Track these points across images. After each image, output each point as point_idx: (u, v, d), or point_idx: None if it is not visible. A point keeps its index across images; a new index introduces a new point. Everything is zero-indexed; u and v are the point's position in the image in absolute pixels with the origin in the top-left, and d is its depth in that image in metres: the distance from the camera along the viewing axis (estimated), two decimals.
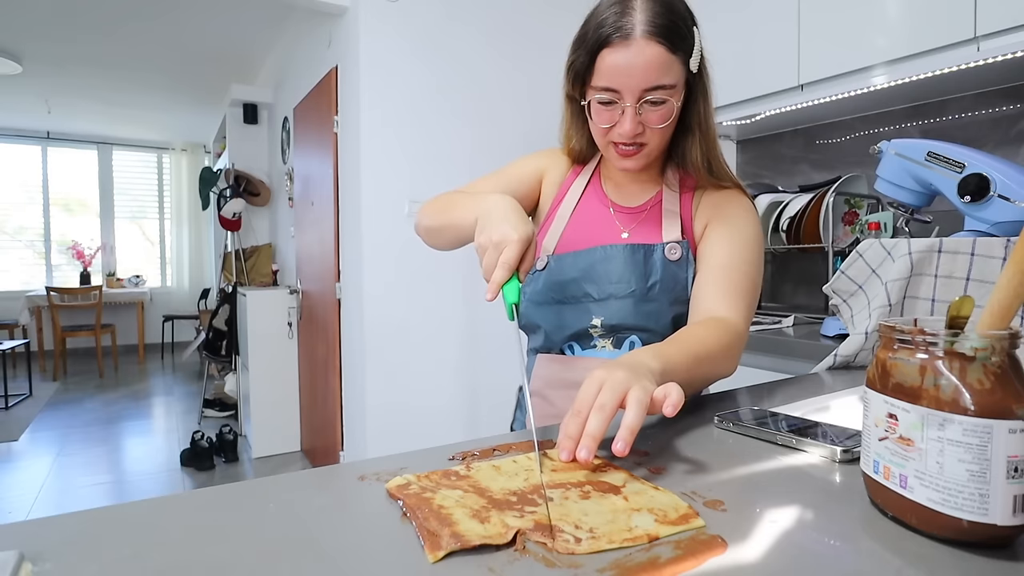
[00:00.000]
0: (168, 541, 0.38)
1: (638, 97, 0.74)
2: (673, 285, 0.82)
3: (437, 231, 0.85)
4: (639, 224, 0.87)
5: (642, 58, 0.73)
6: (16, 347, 4.41)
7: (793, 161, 2.03)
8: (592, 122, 0.81)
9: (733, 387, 0.86)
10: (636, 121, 0.76)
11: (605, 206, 0.89)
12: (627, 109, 0.75)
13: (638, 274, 0.82)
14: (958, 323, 0.38)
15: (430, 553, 0.36)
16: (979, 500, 0.35)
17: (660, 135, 0.79)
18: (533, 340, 0.92)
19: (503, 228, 0.64)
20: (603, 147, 0.83)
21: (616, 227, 0.88)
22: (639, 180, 0.90)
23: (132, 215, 6.96)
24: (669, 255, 0.83)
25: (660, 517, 0.40)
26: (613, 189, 0.91)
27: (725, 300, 0.78)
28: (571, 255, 0.85)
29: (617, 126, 0.77)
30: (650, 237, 0.86)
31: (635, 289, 0.82)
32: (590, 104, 0.79)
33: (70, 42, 3.94)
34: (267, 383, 3.30)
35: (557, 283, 0.85)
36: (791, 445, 0.57)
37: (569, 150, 0.92)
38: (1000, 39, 1.27)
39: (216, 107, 5.43)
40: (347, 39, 2.57)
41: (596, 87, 0.77)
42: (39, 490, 2.84)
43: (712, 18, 1.90)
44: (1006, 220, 1.08)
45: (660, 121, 0.77)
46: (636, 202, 0.89)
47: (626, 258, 0.83)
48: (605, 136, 0.80)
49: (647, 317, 0.82)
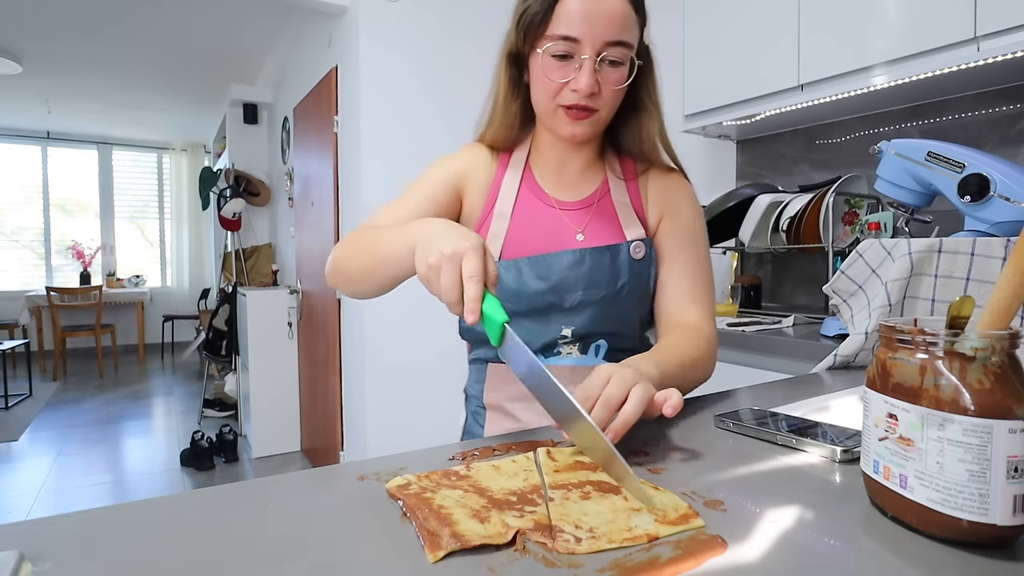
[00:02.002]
0: (168, 541, 0.38)
1: (598, 51, 0.70)
2: (639, 285, 0.80)
3: (365, 274, 0.71)
4: (592, 221, 0.81)
5: (607, 7, 0.69)
6: (16, 347, 4.41)
7: (793, 161, 2.03)
8: (541, 81, 0.74)
9: (733, 387, 0.86)
10: (595, 77, 0.71)
11: (549, 205, 0.82)
12: (586, 62, 0.70)
13: (607, 278, 0.78)
14: (958, 323, 0.38)
15: (430, 553, 0.36)
16: (979, 500, 0.35)
17: (612, 102, 0.75)
18: (482, 351, 0.85)
19: (452, 240, 0.55)
20: (548, 113, 0.76)
21: (568, 227, 0.81)
22: (581, 169, 0.84)
23: (132, 215, 6.96)
24: (634, 254, 0.80)
25: (660, 517, 0.40)
26: (552, 183, 0.84)
27: (695, 306, 0.80)
28: (526, 262, 0.78)
29: (572, 82, 0.71)
30: (610, 235, 0.81)
31: (605, 294, 0.78)
32: (541, 59, 0.72)
33: (70, 42, 3.94)
34: (267, 383, 3.30)
35: (514, 293, 0.78)
36: (791, 445, 0.57)
37: (494, 134, 0.83)
38: (1000, 39, 1.27)
39: (216, 107, 5.43)
40: (347, 39, 2.57)
41: (553, 36, 0.71)
42: (39, 490, 2.84)
43: (712, 18, 1.90)
44: (1006, 220, 1.08)
45: (617, 82, 0.73)
46: (580, 195, 0.83)
47: (593, 263, 0.78)
48: (555, 97, 0.74)
49: (616, 320, 0.80)
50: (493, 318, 0.54)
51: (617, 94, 0.75)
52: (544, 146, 0.84)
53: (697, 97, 1.97)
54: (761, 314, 1.76)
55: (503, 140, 0.83)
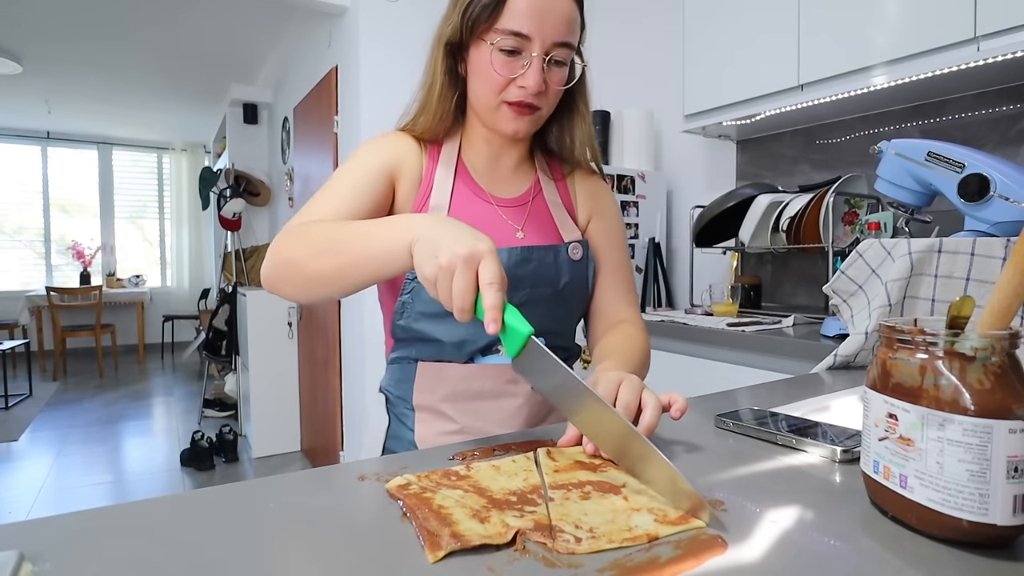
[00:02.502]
0: (168, 541, 0.38)
1: (547, 50, 0.70)
2: (578, 285, 0.81)
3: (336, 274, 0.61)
4: (530, 219, 0.81)
5: (559, 6, 0.69)
6: (16, 347, 4.41)
7: (793, 161, 2.03)
8: (486, 75, 0.72)
9: (733, 387, 0.86)
10: (543, 75, 0.70)
11: (486, 201, 0.80)
12: (534, 60, 0.69)
13: (550, 277, 0.78)
14: (959, 323, 0.38)
15: (430, 553, 0.36)
16: (979, 500, 0.35)
17: (553, 100, 0.75)
18: (412, 350, 0.79)
19: (466, 241, 0.50)
20: (490, 108, 0.74)
21: (508, 225, 0.79)
22: (513, 166, 0.83)
23: (132, 215, 6.96)
24: (572, 255, 0.80)
25: (660, 517, 0.40)
26: (486, 179, 0.82)
27: (627, 304, 0.85)
28: None
29: (520, 79, 0.71)
30: (548, 235, 0.81)
31: (550, 292, 0.78)
32: (488, 53, 0.71)
33: (70, 42, 3.94)
34: (267, 383, 3.30)
35: None
36: (791, 445, 0.57)
37: (425, 124, 0.79)
38: (1000, 39, 1.27)
39: (216, 107, 5.43)
40: (347, 39, 2.57)
41: (503, 30, 0.69)
42: (39, 490, 2.84)
43: (712, 18, 1.90)
44: (1006, 220, 1.08)
45: (561, 82, 0.73)
46: (516, 192, 0.82)
47: (539, 261, 0.77)
48: (500, 92, 0.72)
49: (557, 320, 0.80)
50: (517, 329, 0.49)
51: (559, 94, 0.76)
52: (477, 140, 0.82)
53: (697, 97, 1.97)
54: (761, 314, 1.76)
55: (433, 132, 0.80)
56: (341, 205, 0.71)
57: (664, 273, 2.24)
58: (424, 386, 0.78)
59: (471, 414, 0.76)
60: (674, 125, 2.35)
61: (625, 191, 2.17)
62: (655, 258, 2.20)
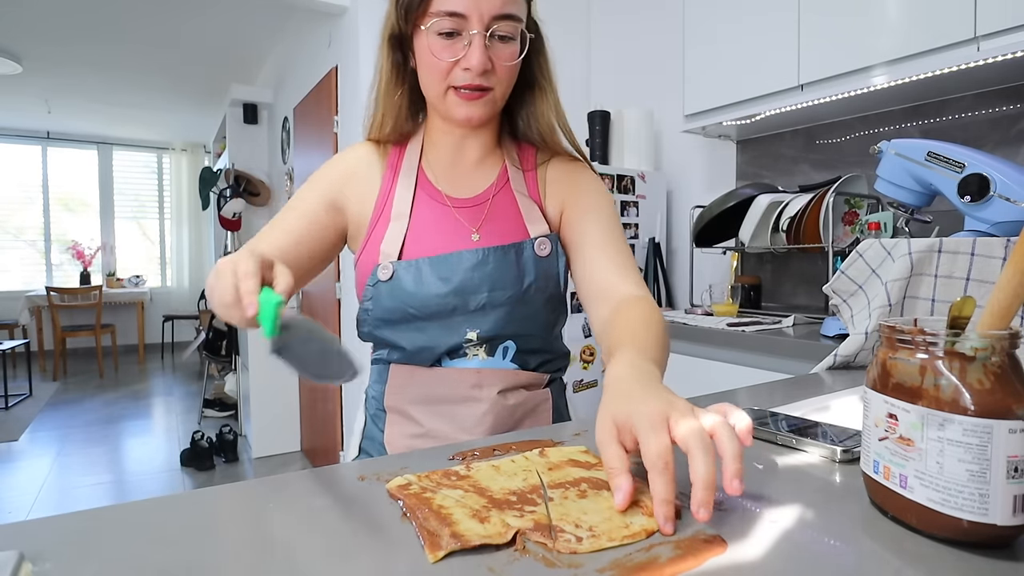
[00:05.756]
0: (168, 541, 0.38)
1: (487, 25, 0.67)
2: (546, 283, 0.77)
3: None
4: (488, 219, 0.77)
5: None
6: (16, 347, 4.41)
7: (793, 161, 2.03)
8: (428, 62, 0.70)
9: (733, 387, 0.86)
10: (486, 53, 0.67)
11: (442, 204, 0.77)
12: (475, 38, 0.66)
13: (512, 278, 0.74)
14: (960, 323, 0.38)
15: (430, 553, 0.36)
16: (979, 500, 0.35)
17: (507, 80, 0.71)
18: (385, 352, 0.80)
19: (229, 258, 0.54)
20: (439, 96, 0.72)
21: (463, 226, 0.76)
22: (477, 160, 0.80)
23: (132, 215, 6.96)
24: (539, 251, 0.76)
25: (649, 511, 0.40)
26: (446, 178, 0.79)
27: (624, 277, 0.74)
28: (426, 262, 0.73)
29: (463, 60, 0.67)
30: (510, 232, 0.77)
31: (512, 295, 0.74)
32: (427, 38, 0.68)
33: (70, 42, 3.94)
34: (267, 383, 3.30)
35: (414, 296, 0.73)
36: (791, 445, 0.57)
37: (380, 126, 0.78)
38: (1000, 39, 1.27)
39: (216, 107, 5.43)
40: (347, 39, 2.57)
41: (437, 12, 0.67)
42: (39, 490, 2.84)
43: (712, 18, 1.90)
44: (1006, 220, 1.08)
45: (510, 58, 0.69)
46: (476, 191, 0.79)
47: (497, 262, 0.74)
48: (445, 78, 0.70)
49: (524, 321, 0.76)
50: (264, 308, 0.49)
51: (511, 71, 0.71)
52: (437, 135, 0.79)
53: (697, 97, 1.97)
54: (761, 314, 1.76)
55: (391, 133, 0.78)
56: (280, 237, 0.73)
57: (664, 273, 2.24)
58: (395, 388, 0.78)
59: (436, 417, 0.75)
60: (674, 125, 2.35)
61: (625, 191, 2.17)
62: (655, 258, 2.20)
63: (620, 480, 0.41)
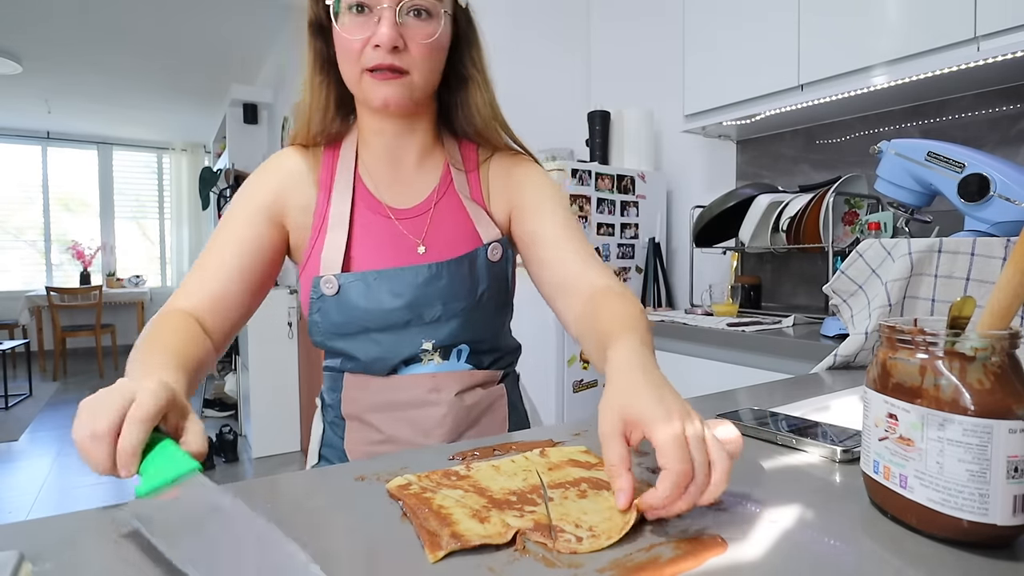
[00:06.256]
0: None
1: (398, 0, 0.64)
2: (498, 288, 0.77)
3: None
4: (433, 228, 0.75)
5: None
6: (16, 347, 4.41)
7: (793, 161, 2.03)
8: (341, 43, 0.67)
9: (733, 387, 0.86)
10: (396, 29, 0.64)
11: (384, 216, 0.74)
12: (384, 11, 0.63)
13: (466, 289, 0.73)
14: (960, 323, 0.38)
15: (430, 553, 0.36)
16: (979, 500, 0.35)
17: (425, 63, 0.67)
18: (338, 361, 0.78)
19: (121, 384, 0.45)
20: (355, 81, 0.68)
21: (408, 240, 0.74)
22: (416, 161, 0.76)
23: (132, 215, 6.96)
24: (492, 257, 0.75)
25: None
26: (386, 184, 0.76)
27: (591, 267, 0.72)
28: (374, 277, 0.71)
29: (374, 37, 0.64)
30: (458, 241, 0.74)
31: (465, 305, 0.73)
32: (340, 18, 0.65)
33: (70, 42, 3.94)
34: (267, 383, 3.30)
35: (366, 312, 0.71)
36: (791, 445, 0.57)
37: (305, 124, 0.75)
38: (1000, 39, 1.27)
39: (216, 107, 5.43)
40: None
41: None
42: (39, 490, 2.84)
43: (712, 18, 1.90)
44: (1006, 220, 1.08)
45: (425, 37, 0.66)
46: (416, 198, 0.76)
47: (451, 276, 0.72)
48: (358, 59, 0.66)
49: (478, 327, 0.76)
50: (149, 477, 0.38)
51: (429, 52, 0.67)
52: (369, 135, 0.75)
53: (697, 97, 1.97)
54: (761, 314, 1.76)
55: (319, 133, 0.75)
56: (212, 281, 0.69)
57: (664, 273, 2.23)
58: (351, 398, 0.76)
59: (396, 423, 0.74)
60: (674, 125, 2.35)
61: (625, 191, 2.17)
62: (655, 258, 2.20)
63: (622, 481, 0.40)
